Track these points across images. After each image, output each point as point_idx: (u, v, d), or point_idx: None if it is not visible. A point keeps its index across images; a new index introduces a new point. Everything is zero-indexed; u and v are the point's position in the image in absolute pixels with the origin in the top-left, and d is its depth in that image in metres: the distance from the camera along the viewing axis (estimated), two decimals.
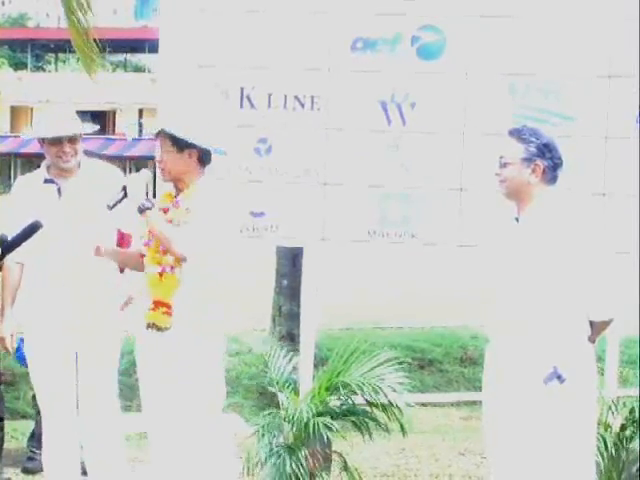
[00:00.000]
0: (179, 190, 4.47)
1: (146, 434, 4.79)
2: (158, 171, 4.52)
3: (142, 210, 4.35)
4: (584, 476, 4.09)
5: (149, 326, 4.43)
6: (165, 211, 4.44)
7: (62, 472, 4.93)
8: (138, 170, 5.60)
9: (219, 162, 5.49)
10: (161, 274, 4.41)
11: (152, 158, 4.76)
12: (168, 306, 4.40)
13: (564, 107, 5.34)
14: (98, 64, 8.19)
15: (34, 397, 6.21)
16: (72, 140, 4.80)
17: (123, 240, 5.01)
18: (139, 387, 4.64)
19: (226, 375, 9.28)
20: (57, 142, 4.78)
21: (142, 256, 4.52)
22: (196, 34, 5.55)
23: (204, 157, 4.45)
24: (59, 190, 4.82)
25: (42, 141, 4.84)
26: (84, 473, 5.17)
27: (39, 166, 5.95)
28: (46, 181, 4.86)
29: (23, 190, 4.95)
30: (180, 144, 4.38)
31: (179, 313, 4.40)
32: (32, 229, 5.30)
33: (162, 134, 4.44)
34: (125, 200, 4.42)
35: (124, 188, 4.41)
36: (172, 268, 4.39)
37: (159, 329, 4.42)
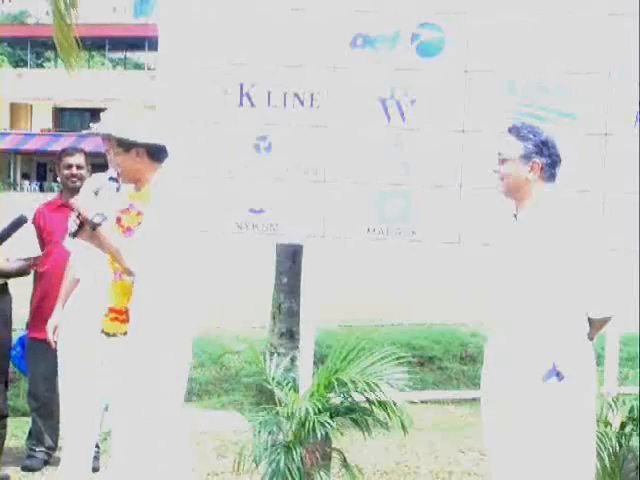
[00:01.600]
0: (138, 190, 4.40)
1: None
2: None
3: (93, 227, 4.21)
4: (584, 473, 4.09)
5: (101, 331, 4.39)
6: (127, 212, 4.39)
7: (77, 467, 4.96)
8: (92, 167, 5.60)
9: (220, 160, 5.54)
10: (114, 280, 4.36)
11: None
12: (119, 312, 4.32)
13: (564, 104, 5.33)
14: (78, 60, 8.22)
15: (29, 394, 6.23)
16: (107, 137, 4.84)
17: None
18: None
19: (226, 373, 9.35)
20: (104, 139, 4.86)
21: None
22: (195, 31, 5.55)
23: (155, 154, 4.34)
24: (118, 189, 4.85)
25: None
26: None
27: (39, 163, 6.02)
28: (110, 179, 4.90)
29: (89, 187, 5.00)
30: (124, 144, 4.31)
31: (134, 319, 4.30)
32: (17, 224, 5.33)
33: (108, 136, 4.39)
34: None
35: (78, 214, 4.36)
36: (121, 275, 4.32)
37: (107, 335, 4.37)
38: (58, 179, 6.35)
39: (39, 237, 6.06)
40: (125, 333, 4.32)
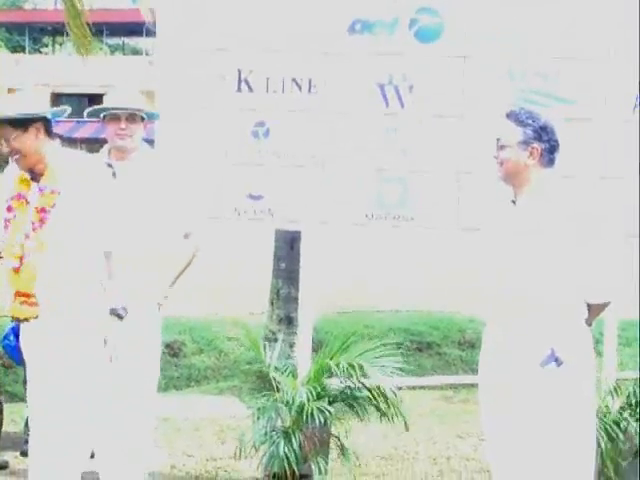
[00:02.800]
0: (37, 173, 4.18)
1: None
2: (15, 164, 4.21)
3: (122, 317, 4.22)
4: (583, 459, 4.09)
5: (13, 319, 4.30)
6: (23, 197, 4.18)
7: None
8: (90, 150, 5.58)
9: (218, 146, 5.53)
10: (21, 262, 4.18)
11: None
12: (28, 296, 4.16)
13: (563, 89, 5.33)
14: (90, 46, 8.19)
15: (25, 380, 6.23)
16: (130, 119, 4.82)
17: None
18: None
19: (224, 358, 9.35)
20: (116, 119, 4.82)
21: None
22: (194, 17, 5.54)
23: (49, 128, 4.15)
24: (114, 174, 4.82)
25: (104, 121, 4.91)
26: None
27: None
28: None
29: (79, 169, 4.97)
30: (21, 123, 4.08)
31: (50, 300, 4.15)
32: None
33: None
34: None
35: None
36: (30, 256, 4.15)
37: (20, 320, 4.26)
38: None
39: None
40: (36, 317, 4.19)
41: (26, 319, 4.22)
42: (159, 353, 4.88)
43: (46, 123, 4.15)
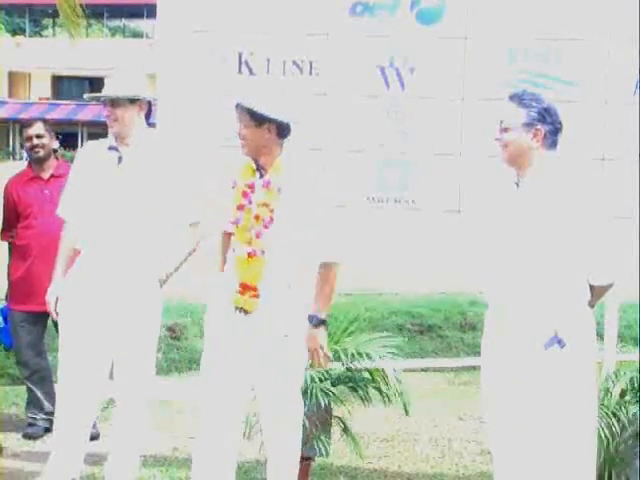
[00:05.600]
0: (261, 167, 4.39)
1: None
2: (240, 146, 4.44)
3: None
4: (584, 441, 4.10)
5: (237, 309, 4.39)
6: (251, 187, 4.38)
7: (71, 439, 4.87)
8: (90, 136, 5.59)
9: (218, 128, 5.51)
10: (251, 255, 4.37)
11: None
12: (254, 289, 4.35)
13: (564, 72, 5.31)
14: (80, 28, 8.08)
15: (18, 363, 6.24)
16: (113, 104, 4.79)
17: None
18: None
19: None
20: (105, 105, 4.81)
21: (228, 234, 4.50)
22: None
23: (283, 131, 4.36)
24: (120, 159, 4.81)
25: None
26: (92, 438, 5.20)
27: None
28: (110, 148, 4.87)
29: (87, 155, 4.97)
30: (258, 118, 4.31)
31: (270, 297, 4.36)
32: None
33: (240, 107, 4.35)
34: None
35: None
36: (263, 252, 4.35)
37: (247, 313, 4.37)
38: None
39: (14, 210, 6.03)
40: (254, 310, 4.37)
41: (248, 311, 4.36)
42: (158, 334, 4.88)
43: (279, 127, 4.32)
